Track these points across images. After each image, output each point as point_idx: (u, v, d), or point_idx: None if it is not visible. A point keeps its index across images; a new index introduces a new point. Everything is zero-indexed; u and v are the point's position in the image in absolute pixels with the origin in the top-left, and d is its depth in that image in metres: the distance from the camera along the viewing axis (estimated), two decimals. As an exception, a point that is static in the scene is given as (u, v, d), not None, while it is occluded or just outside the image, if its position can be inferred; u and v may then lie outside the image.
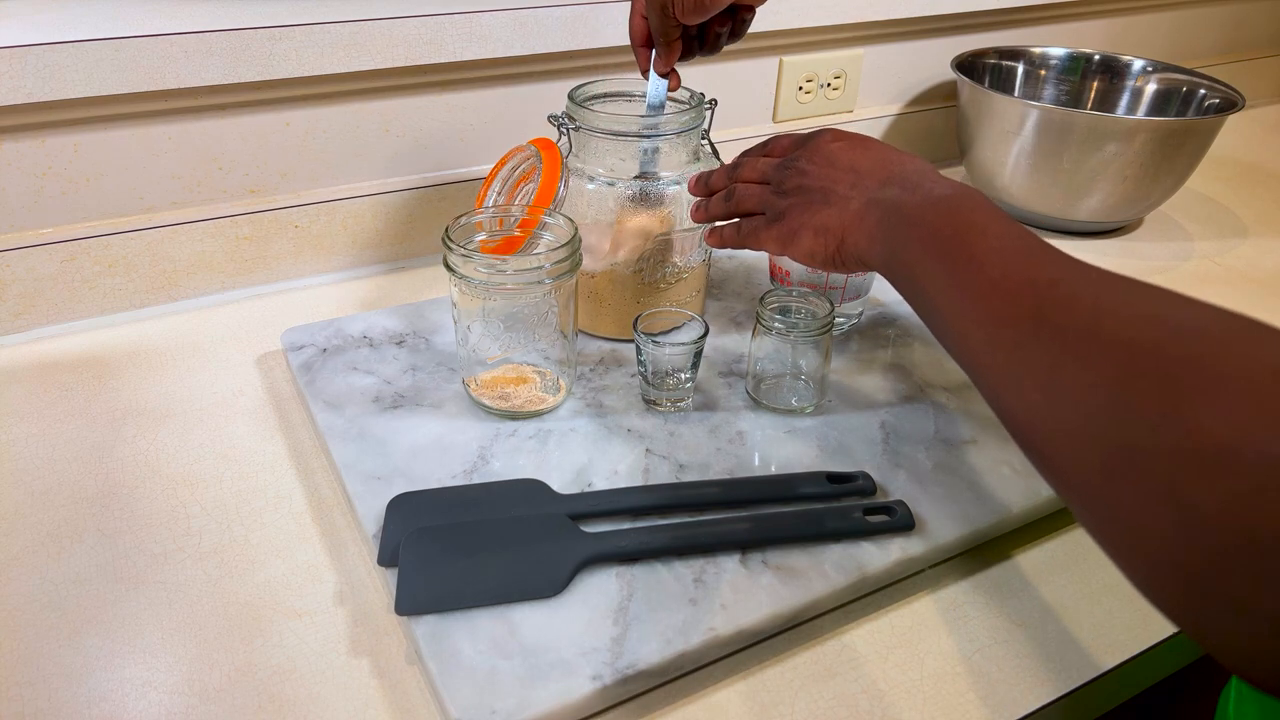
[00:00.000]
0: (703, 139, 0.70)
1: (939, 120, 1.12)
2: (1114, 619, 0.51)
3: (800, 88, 1.00)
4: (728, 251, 0.85)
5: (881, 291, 0.78)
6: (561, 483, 0.56)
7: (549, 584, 0.48)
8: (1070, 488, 0.34)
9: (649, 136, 0.64)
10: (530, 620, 0.47)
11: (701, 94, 0.68)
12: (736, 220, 0.61)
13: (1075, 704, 0.48)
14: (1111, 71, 1.06)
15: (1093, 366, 0.33)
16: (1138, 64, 1.05)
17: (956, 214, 0.45)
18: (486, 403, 0.62)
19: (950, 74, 1.00)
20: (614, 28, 0.84)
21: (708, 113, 0.68)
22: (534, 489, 0.55)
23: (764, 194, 0.59)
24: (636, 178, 0.66)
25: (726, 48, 0.67)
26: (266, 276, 0.81)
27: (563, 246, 0.58)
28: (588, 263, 0.67)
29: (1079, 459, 0.33)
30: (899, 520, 0.53)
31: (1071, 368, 0.34)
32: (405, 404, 0.63)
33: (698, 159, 0.69)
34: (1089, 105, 1.07)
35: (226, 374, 0.69)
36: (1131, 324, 0.33)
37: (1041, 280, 0.38)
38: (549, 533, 0.51)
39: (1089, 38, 1.20)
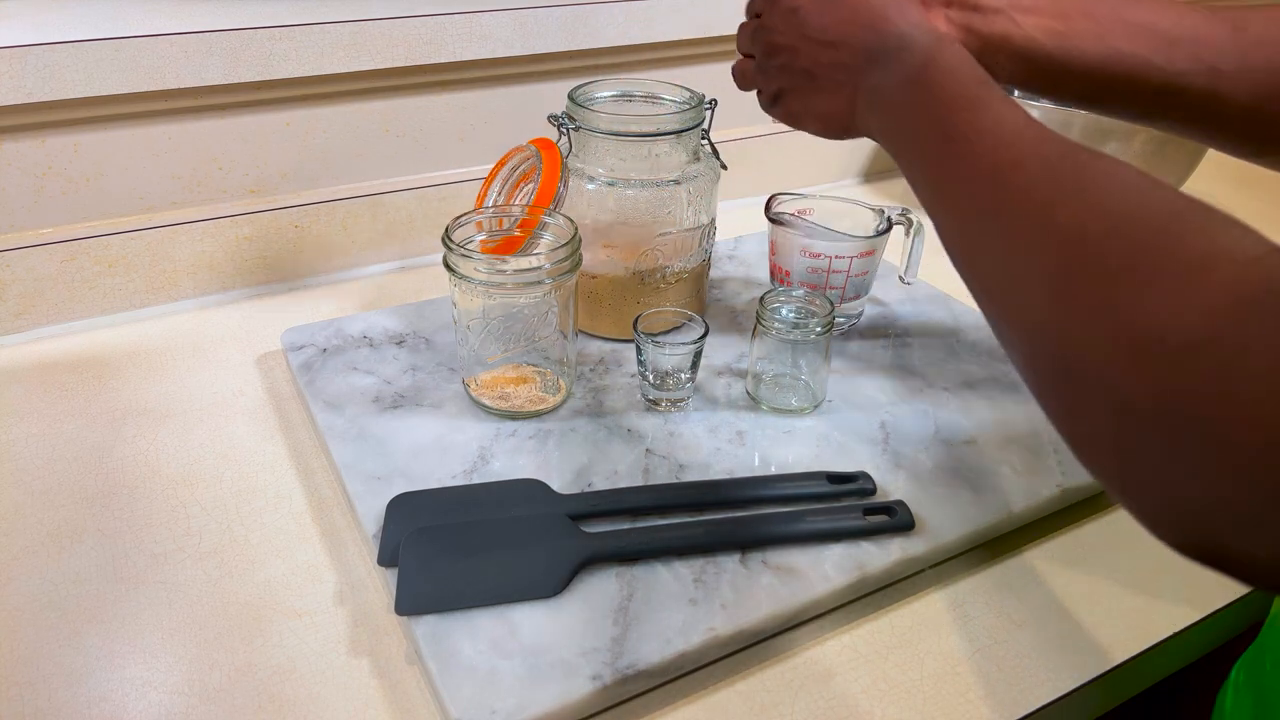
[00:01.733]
0: (703, 139, 0.70)
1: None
2: (1115, 618, 0.51)
3: (800, 88, 1.00)
4: (728, 252, 0.85)
5: (881, 291, 0.78)
6: (561, 483, 0.56)
7: (549, 584, 0.48)
8: (1030, 380, 0.35)
9: (650, 136, 0.64)
10: (530, 620, 0.47)
11: (702, 94, 0.68)
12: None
13: (1076, 704, 0.48)
14: (1111, 71, 1.06)
15: (1040, 257, 0.34)
16: (1138, 64, 1.04)
17: (930, 91, 0.44)
18: (486, 403, 0.62)
19: (950, 74, 1.00)
20: (614, 28, 0.84)
21: (708, 113, 0.69)
22: (534, 489, 0.55)
23: (754, 70, 0.57)
24: None
25: (731, 47, 0.66)
26: (266, 276, 0.81)
27: (563, 246, 0.58)
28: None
29: (1034, 353, 0.34)
30: (899, 520, 0.53)
31: (1021, 259, 0.35)
32: (405, 404, 0.63)
33: (698, 159, 0.69)
34: (1089, 105, 1.07)
35: (226, 374, 0.69)
36: (1083, 212, 0.33)
37: (1004, 164, 0.38)
38: (549, 533, 0.51)
39: (1089, 38, 1.20)
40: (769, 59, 0.55)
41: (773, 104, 0.57)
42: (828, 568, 0.51)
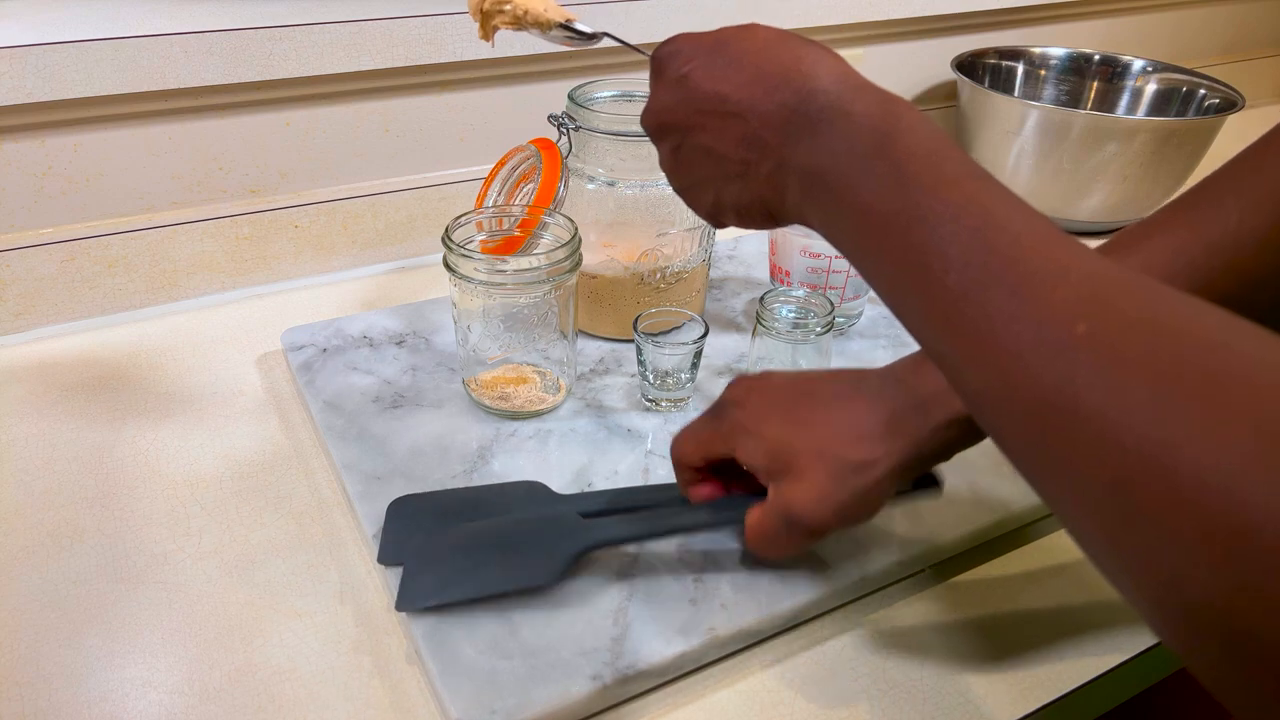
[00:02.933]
0: (703, 139, 0.69)
1: (939, 120, 1.12)
2: (1115, 618, 0.51)
3: (800, 88, 1.00)
4: (728, 252, 0.85)
5: (881, 291, 0.78)
6: (561, 483, 0.56)
7: (547, 573, 0.48)
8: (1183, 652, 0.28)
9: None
10: (530, 620, 0.47)
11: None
12: None
13: (1074, 705, 0.48)
14: (1111, 71, 1.06)
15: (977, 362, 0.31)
16: (1138, 64, 1.05)
17: (904, 189, 0.34)
18: (486, 403, 0.62)
19: (950, 74, 1.00)
20: (614, 28, 0.84)
21: (708, 113, 0.68)
22: (534, 490, 0.55)
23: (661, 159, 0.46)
24: None
25: None
26: (266, 276, 0.81)
27: (563, 246, 0.58)
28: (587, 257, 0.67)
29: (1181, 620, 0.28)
30: (926, 480, 0.50)
31: (970, 369, 0.32)
32: (405, 404, 0.63)
33: (698, 159, 0.68)
34: (1089, 105, 1.07)
35: (226, 374, 0.69)
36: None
37: (1053, 320, 0.29)
38: (550, 528, 0.51)
39: (1089, 38, 1.20)
40: (661, 142, 0.44)
41: (683, 195, 0.46)
42: (828, 568, 0.51)
